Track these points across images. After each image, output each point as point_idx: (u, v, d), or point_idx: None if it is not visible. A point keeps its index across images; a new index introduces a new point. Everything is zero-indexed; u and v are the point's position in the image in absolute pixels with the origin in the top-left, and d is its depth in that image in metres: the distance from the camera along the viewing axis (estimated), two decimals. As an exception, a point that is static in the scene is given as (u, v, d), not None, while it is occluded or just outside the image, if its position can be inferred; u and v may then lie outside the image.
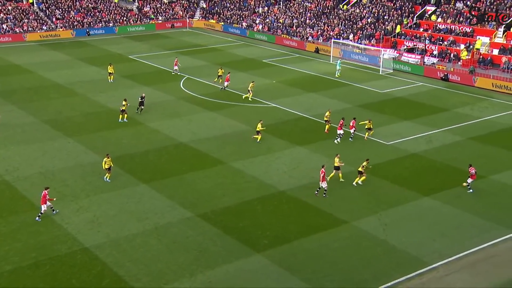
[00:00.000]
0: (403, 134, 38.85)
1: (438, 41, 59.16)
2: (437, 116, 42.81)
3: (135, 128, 40.04)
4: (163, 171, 32.58)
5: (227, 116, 42.61)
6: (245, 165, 33.49)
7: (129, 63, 61.35)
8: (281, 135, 38.42)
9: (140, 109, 42.59)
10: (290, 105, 45.21)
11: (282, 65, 59.61)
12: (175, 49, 68.56)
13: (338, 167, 31.38)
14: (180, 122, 41.28)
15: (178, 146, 36.69)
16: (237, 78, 54.39)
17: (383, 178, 31.83)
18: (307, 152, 35.44)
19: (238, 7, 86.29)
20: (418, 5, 66.95)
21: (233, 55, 65.55)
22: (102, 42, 73.02)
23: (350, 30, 67.61)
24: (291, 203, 28.93)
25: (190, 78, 54.10)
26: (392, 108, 44.79)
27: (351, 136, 37.73)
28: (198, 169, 32.94)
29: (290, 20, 75.86)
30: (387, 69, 57.27)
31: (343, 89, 50.16)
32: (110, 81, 52.53)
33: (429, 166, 33.64)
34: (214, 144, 36.89)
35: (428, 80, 54.09)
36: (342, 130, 37.04)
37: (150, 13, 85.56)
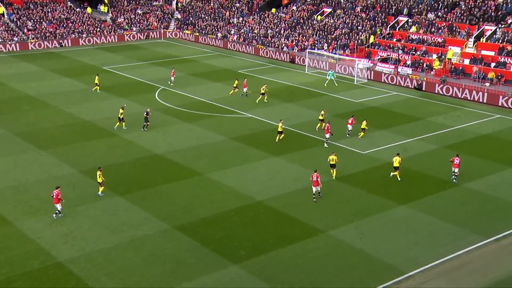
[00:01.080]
0: (378, 143, 39.26)
1: (411, 51, 60.09)
2: (412, 125, 43.38)
3: (110, 140, 39.76)
4: (139, 183, 32.38)
5: (203, 127, 42.58)
6: (221, 176, 33.48)
7: (103, 74, 60.91)
8: (257, 145, 38.51)
9: (146, 126, 41.49)
10: (266, 115, 45.38)
11: (258, 75, 59.87)
12: (150, 60, 68.40)
13: (334, 165, 32.65)
14: (156, 134, 41.11)
15: (154, 157, 36.53)
16: (212, 89, 54.46)
17: (359, 187, 32.10)
18: (283, 162, 35.57)
19: (212, 18, 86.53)
20: (391, 16, 67.96)
21: (209, 65, 65.63)
22: (75, 53, 72.49)
23: (325, 40, 68.28)
24: (268, 214, 28.98)
25: (165, 89, 53.99)
26: (367, 118, 45.18)
27: (326, 141, 38.42)
28: (174, 180, 32.82)
29: (265, 31, 76.31)
30: (362, 79, 57.92)
31: (319, 99, 50.54)
32: (97, 91, 52.42)
33: (405, 174, 34.00)
34: (190, 155, 36.81)
35: (402, 89, 54.83)
36: (329, 134, 38.12)
37: (124, 24, 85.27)
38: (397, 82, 56.38)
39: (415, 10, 66.49)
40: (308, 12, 77.57)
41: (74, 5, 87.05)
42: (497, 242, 26.47)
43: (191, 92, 52.90)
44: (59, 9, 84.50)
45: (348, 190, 31.71)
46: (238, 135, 40.71)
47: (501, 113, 46.97)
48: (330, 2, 77.47)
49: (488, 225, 27.87)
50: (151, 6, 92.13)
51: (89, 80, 57.18)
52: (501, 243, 26.43)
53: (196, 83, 56.90)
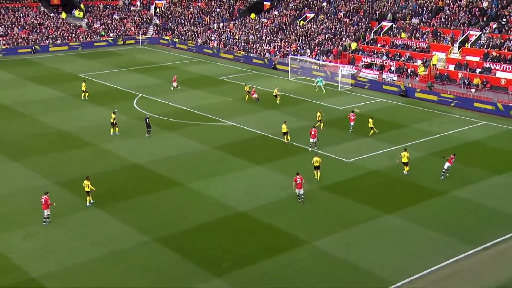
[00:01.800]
0: (363, 150, 39.50)
1: (395, 57, 60.68)
2: (397, 132, 43.73)
3: (88, 149, 39.47)
4: (119, 194, 32.16)
5: (184, 135, 42.48)
6: (203, 186, 33.40)
7: (79, 82, 60.46)
8: (239, 154, 38.53)
9: (149, 132, 41.98)
10: (248, 123, 45.43)
11: (239, 82, 59.98)
12: (127, 66, 68.17)
13: (318, 167, 33.80)
14: (135, 143, 40.93)
15: (134, 167, 36.33)
16: (193, 96, 54.39)
17: (344, 196, 32.23)
18: (266, 171, 35.60)
19: (192, 23, 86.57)
20: (375, 21, 68.62)
21: (188, 72, 65.59)
22: (49, 60, 71.97)
23: (308, 46, 68.67)
24: (251, 224, 28.96)
25: (144, 97, 53.79)
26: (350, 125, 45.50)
27: (313, 145, 39.05)
28: (155, 191, 32.66)
29: (246, 36, 76.52)
30: (346, 85, 58.32)
31: (302, 106, 50.73)
32: (84, 98, 52.46)
33: (391, 183, 34.25)
34: (171, 164, 36.69)
35: (387, 96, 55.31)
36: (315, 139, 38.79)
37: (100, 29, 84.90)
38: (381, 89, 56.92)
39: (399, 15, 67.25)
40: (291, 17, 78.03)
41: (48, 10, 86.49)
42: (487, 251, 26.72)
43: (171, 99, 52.79)
44: (31, 14, 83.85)
45: (333, 199, 31.82)
46: (220, 144, 40.69)
47: (487, 119, 47.58)
48: (313, 7, 78.06)
49: (477, 234, 28.12)
50: (128, 12, 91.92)
51: (65, 88, 56.80)
52: (491, 252, 26.69)
53: (176, 90, 56.80)
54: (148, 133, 42.14)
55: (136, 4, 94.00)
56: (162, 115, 47.68)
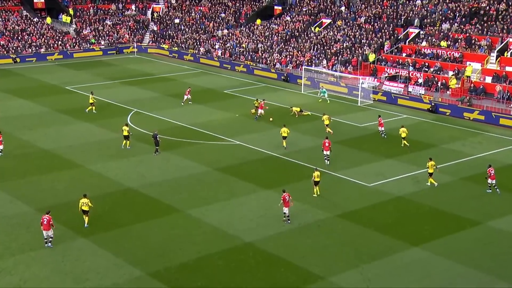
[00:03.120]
0: (386, 174, 39.50)
1: (423, 68, 60.86)
2: (425, 153, 43.63)
3: (73, 171, 39.72)
4: (107, 222, 32.27)
5: (182, 156, 42.68)
6: (204, 213, 33.47)
7: (65, 95, 61.13)
8: (245, 177, 38.61)
9: (156, 150, 42.65)
10: (256, 142, 45.59)
11: (246, 96, 60.27)
12: (121, 78, 68.75)
13: (318, 182, 35.30)
14: (127, 164, 41.14)
15: (125, 192, 36.49)
16: (194, 112, 54.69)
17: (364, 225, 32.18)
18: (276, 197, 35.56)
19: (194, 30, 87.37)
20: (400, 28, 68.98)
21: (189, 85, 65.87)
22: (32, 70, 72.74)
23: (323, 55, 69.06)
24: (258, 257, 28.95)
25: (139, 112, 54.18)
26: (373, 145, 45.56)
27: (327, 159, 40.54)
28: (148, 218, 32.76)
29: (254, 45, 77.10)
30: (366, 100, 58.49)
31: (316, 124, 50.83)
32: (93, 111, 53.50)
33: (417, 211, 34.19)
34: (167, 189, 36.82)
35: (413, 111, 55.39)
36: (329, 151, 40.34)
37: (90, 36, 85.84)
38: (407, 104, 57.02)
39: (427, 20, 67.53)
40: (304, 23, 78.62)
41: (31, 15, 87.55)
42: (526, 289, 26.57)
43: (168, 115, 53.12)
44: (12, 19, 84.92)
45: (351, 229, 31.78)
46: (223, 165, 40.80)
47: (528, 139, 47.51)
48: (330, 12, 78.65)
49: (515, 270, 27.99)
50: (122, 16, 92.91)
51: (49, 102, 57.30)
52: (530, 290, 26.53)
53: (174, 105, 57.14)
54: (156, 152, 42.52)
55: (130, 8, 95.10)
56: (159, 133, 47.86)
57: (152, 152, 42.93)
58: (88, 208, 31.69)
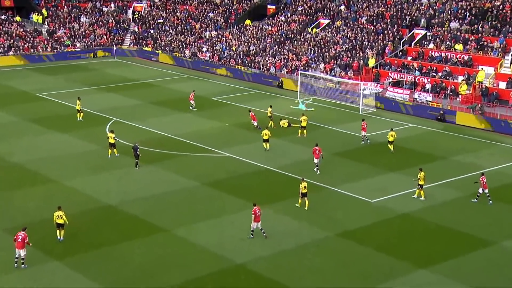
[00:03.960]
0: (389, 189, 39.69)
1: (430, 72, 61.22)
2: (433, 166, 43.84)
3: (46, 187, 39.73)
4: (84, 243, 32.25)
5: (167, 169, 42.80)
6: (191, 232, 33.57)
7: (37, 102, 61.09)
8: (237, 192, 38.75)
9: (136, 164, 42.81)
10: (247, 155, 45.75)
11: (237, 104, 60.48)
12: (98, 84, 68.77)
13: (305, 194, 35.87)
14: (107, 179, 41.22)
15: (105, 209, 36.53)
16: (180, 121, 54.80)
17: (366, 245, 32.32)
18: (270, 214, 35.65)
19: (179, 31, 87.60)
20: (405, 28, 69.41)
21: (173, 91, 66.17)
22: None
23: (321, 59, 69.40)
24: (251, 280, 29.05)
25: (119, 121, 54.25)
26: (375, 157, 45.73)
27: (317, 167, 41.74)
28: (130, 238, 32.79)
29: (245, 47, 77.40)
30: (368, 108, 58.82)
31: (314, 134, 50.98)
32: (79, 119, 54.00)
33: (424, 229, 34.36)
34: (151, 205, 36.90)
35: (420, 120, 55.76)
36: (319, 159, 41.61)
37: (65, 38, 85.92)
38: (413, 111, 57.42)
39: (435, 20, 67.97)
40: (301, 24, 79.00)
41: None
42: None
43: (152, 125, 53.26)
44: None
45: (352, 249, 31.95)
46: (212, 180, 40.97)
47: (546, 150, 47.86)
48: (328, 11, 79.07)
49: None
50: (99, 16, 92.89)
51: (19, 111, 57.24)
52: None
53: (158, 113, 57.33)
54: (137, 165, 42.65)
55: (109, 5, 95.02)
56: (141, 144, 47.95)
57: (134, 165, 42.99)
58: (63, 222, 32.06)
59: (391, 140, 46.20)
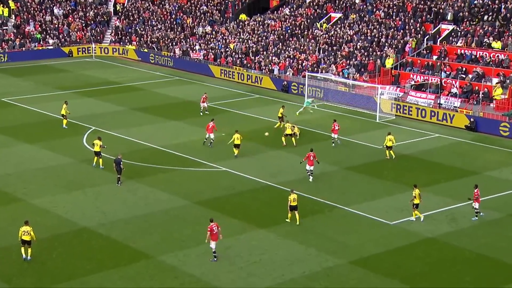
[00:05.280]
0: (412, 209, 39.52)
1: (459, 74, 61.12)
2: (462, 182, 43.77)
3: (11, 206, 39.52)
4: (55, 273, 32.06)
5: (153, 186, 42.67)
6: (181, 259, 33.39)
7: (0, 109, 61.05)
8: (234, 213, 38.59)
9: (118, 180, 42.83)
10: (246, 169, 45.63)
11: (235, 111, 60.37)
12: (74, 88, 68.74)
13: (295, 207, 36.69)
14: (82, 197, 41.06)
15: (80, 232, 36.34)
16: (168, 130, 54.78)
17: (385, 275, 32.10)
18: (273, 238, 35.58)
19: (168, 27, 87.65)
20: (430, 23, 69.38)
21: (162, 96, 66.14)
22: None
23: (332, 58, 69.35)
24: (250, 316, 28.95)
25: (98, 130, 54.14)
26: (396, 171, 45.65)
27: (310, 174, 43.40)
28: (110, 267, 32.61)
29: (245, 45, 77.38)
30: (387, 115, 58.68)
31: (324, 144, 50.85)
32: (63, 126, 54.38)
33: (454, 257, 34.13)
34: (134, 228, 36.74)
35: (447, 129, 55.62)
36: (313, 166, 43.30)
37: (35, 33, 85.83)
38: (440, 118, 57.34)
39: (464, 13, 67.84)
40: (308, 18, 79.07)
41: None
42: None
43: (136, 135, 53.16)
44: None
45: (369, 280, 31.69)
46: (205, 198, 40.84)
47: None
48: (340, 4, 79.11)
49: None
50: (75, 7, 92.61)
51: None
52: None
53: (143, 121, 57.31)
54: (119, 181, 42.65)
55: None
56: (123, 156, 47.87)
57: (115, 181, 42.87)
58: (30, 239, 32.25)
59: (390, 146, 47.37)
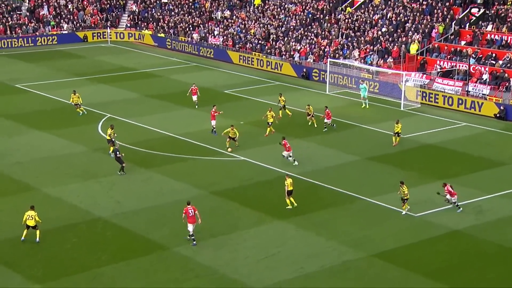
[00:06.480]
0: (438, 201, 39.28)
1: (489, 60, 60.68)
2: (490, 173, 43.56)
3: (23, 196, 39.63)
4: (68, 264, 32.15)
5: (168, 175, 42.74)
6: (196, 251, 33.40)
7: (13, 95, 61.43)
8: (252, 204, 38.60)
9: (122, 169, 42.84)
10: (265, 158, 45.59)
11: (253, 98, 60.31)
12: (89, 74, 68.95)
13: (291, 191, 37.48)
14: (96, 187, 41.21)
15: (93, 223, 36.46)
16: (184, 118, 54.82)
17: (408, 268, 31.97)
18: (291, 229, 35.56)
19: (186, 11, 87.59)
20: (458, 7, 68.84)
21: (179, 83, 66.10)
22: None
23: (355, 43, 69.07)
24: (268, 310, 28.97)
25: (113, 118, 54.28)
26: (420, 162, 45.46)
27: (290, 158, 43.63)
28: (124, 258, 32.68)
29: (264, 31, 77.19)
30: (412, 103, 58.42)
31: (346, 134, 50.73)
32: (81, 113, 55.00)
33: (480, 251, 33.95)
34: (148, 219, 36.82)
35: (475, 118, 55.33)
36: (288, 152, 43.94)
37: (49, 17, 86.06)
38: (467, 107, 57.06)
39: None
40: (331, 2, 78.71)
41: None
42: None
43: (151, 122, 53.29)
44: None
45: (391, 274, 31.57)
46: (222, 188, 40.88)
47: None
48: (364, -13, 78.74)
49: None
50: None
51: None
52: None
53: (159, 109, 57.45)
54: (121, 170, 42.70)
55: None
56: (137, 144, 47.99)
57: (129, 171, 42.92)
58: (35, 223, 32.94)
59: (397, 132, 47.96)
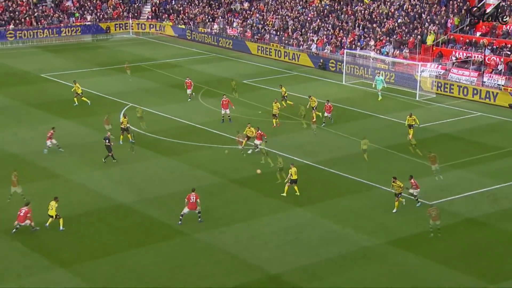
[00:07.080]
0: (453, 189, 39.20)
1: (504, 51, 60.27)
2: (506, 162, 43.36)
3: (48, 182, 39.86)
4: (91, 248, 32.33)
5: (189, 163, 42.78)
6: (217, 236, 33.46)
7: (40, 84, 61.67)
8: (271, 192, 38.55)
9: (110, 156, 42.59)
10: (283, 147, 45.51)
11: (271, 88, 60.24)
12: (112, 64, 69.10)
13: (295, 180, 37.25)
14: (119, 173, 41.33)
15: (116, 209, 36.61)
16: (204, 107, 54.80)
17: (424, 256, 31.88)
18: (310, 217, 35.56)
19: (206, 3, 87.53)
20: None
21: (198, 73, 66.14)
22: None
23: (372, 34, 68.79)
24: (286, 295, 28.92)
25: (135, 107, 54.34)
26: (436, 151, 44.97)
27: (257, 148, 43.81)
28: (146, 243, 32.79)
29: (283, 22, 77.02)
30: (427, 94, 58.16)
31: (363, 123, 50.58)
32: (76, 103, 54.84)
33: (496, 238, 33.78)
34: (170, 205, 36.84)
35: (490, 108, 55.00)
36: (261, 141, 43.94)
37: (73, 9, 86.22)
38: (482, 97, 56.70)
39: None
40: (348, -7, 78.47)
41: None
42: None
43: (172, 112, 53.36)
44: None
45: (407, 261, 31.52)
46: (241, 176, 40.93)
47: None
48: (381, -21, 78.30)
49: None
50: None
51: (19, 94, 57.85)
52: None
53: (179, 98, 57.44)
54: (106, 158, 42.45)
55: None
56: (158, 133, 48.06)
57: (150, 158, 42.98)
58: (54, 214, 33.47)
59: (412, 124, 47.11)
